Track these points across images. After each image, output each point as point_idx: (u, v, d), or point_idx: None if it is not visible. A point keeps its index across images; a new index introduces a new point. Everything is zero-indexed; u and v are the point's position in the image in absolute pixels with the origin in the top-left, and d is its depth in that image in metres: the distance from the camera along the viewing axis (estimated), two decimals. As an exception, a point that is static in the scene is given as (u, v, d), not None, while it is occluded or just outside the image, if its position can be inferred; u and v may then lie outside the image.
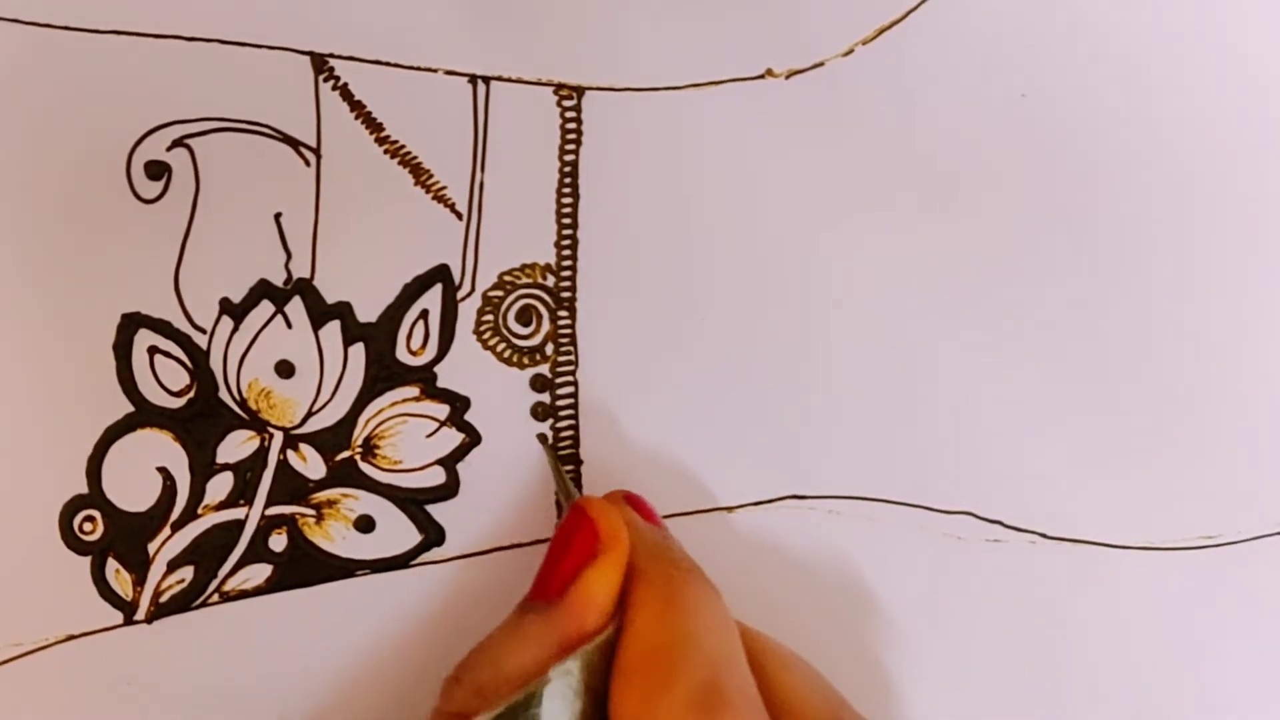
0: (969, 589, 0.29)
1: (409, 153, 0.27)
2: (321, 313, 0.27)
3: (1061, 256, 0.29)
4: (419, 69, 0.27)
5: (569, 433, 0.28)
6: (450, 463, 0.27)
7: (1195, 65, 0.29)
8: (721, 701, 0.21)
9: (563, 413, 0.28)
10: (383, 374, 0.27)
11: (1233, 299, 0.29)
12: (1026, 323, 0.29)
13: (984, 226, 0.29)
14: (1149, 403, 0.29)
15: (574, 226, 0.28)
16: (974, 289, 0.29)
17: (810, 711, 0.23)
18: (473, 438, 0.27)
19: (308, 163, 0.27)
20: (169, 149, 0.26)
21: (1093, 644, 0.29)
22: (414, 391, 0.27)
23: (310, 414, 0.27)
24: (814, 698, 0.24)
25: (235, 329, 0.27)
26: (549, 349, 0.28)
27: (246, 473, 0.27)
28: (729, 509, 0.28)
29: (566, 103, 0.27)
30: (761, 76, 0.28)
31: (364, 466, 0.27)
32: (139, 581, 0.27)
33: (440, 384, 0.27)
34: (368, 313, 0.27)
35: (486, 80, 0.27)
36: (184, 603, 0.27)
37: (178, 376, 0.27)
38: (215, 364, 0.27)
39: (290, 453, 0.27)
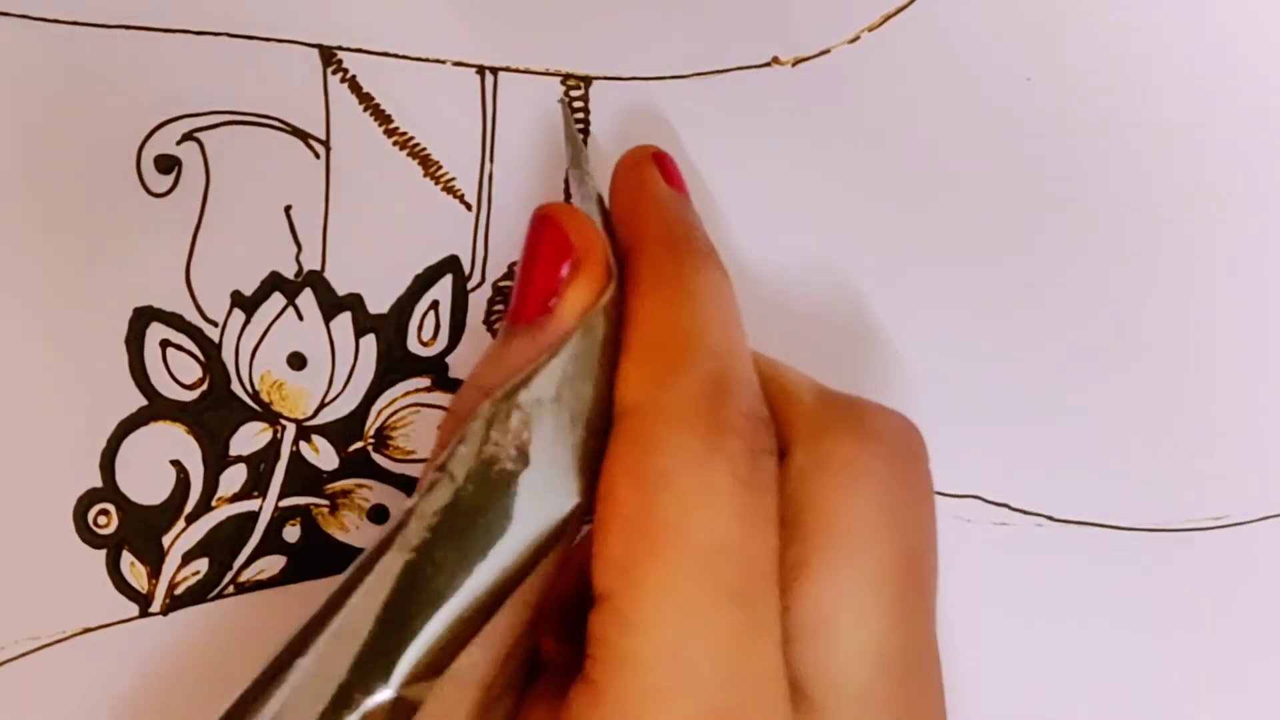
0: (976, 571, 0.29)
1: (418, 144, 0.27)
2: (332, 304, 0.27)
3: (1069, 240, 0.29)
4: (427, 60, 0.27)
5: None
6: (462, 452, 0.27)
7: (1205, 52, 0.29)
8: (728, 393, 0.21)
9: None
10: (394, 365, 0.27)
11: (1240, 278, 0.29)
12: (1033, 305, 0.29)
13: (991, 210, 0.29)
14: (1156, 383, 0.29)
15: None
16: (982, 272, 0.29)
17: (802, 390, 0.23)
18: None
19: (317, 155, 0.27)
20: (179, 143, 0.26)
21: (1100, 625, 0.30)
22: (425, 382, 0.28)
23: (322, 405, 0.27)
24: (805, 380, 0.23)
25: (247, 322, 0.27)
26: (559, 338, 0.28)
27: (260, 465, 0.27)
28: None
29: (574, 92, 0.27)
30: (768, 64, 0.28)
31: (377, 457, 0.27)
32: (154, 574, 0.27)
33: (452, 375, 0.28)
34: (379, 304, 0.27)
35: (494, 71, 0.27)
36: (199, 594, 0.27)
37: (190, 369, 0.27)
38: (227, 356, 0.27)
39: (303, 444, 0.27)
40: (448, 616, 0.20)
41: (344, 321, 0.27)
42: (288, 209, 0.27)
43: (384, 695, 0.19)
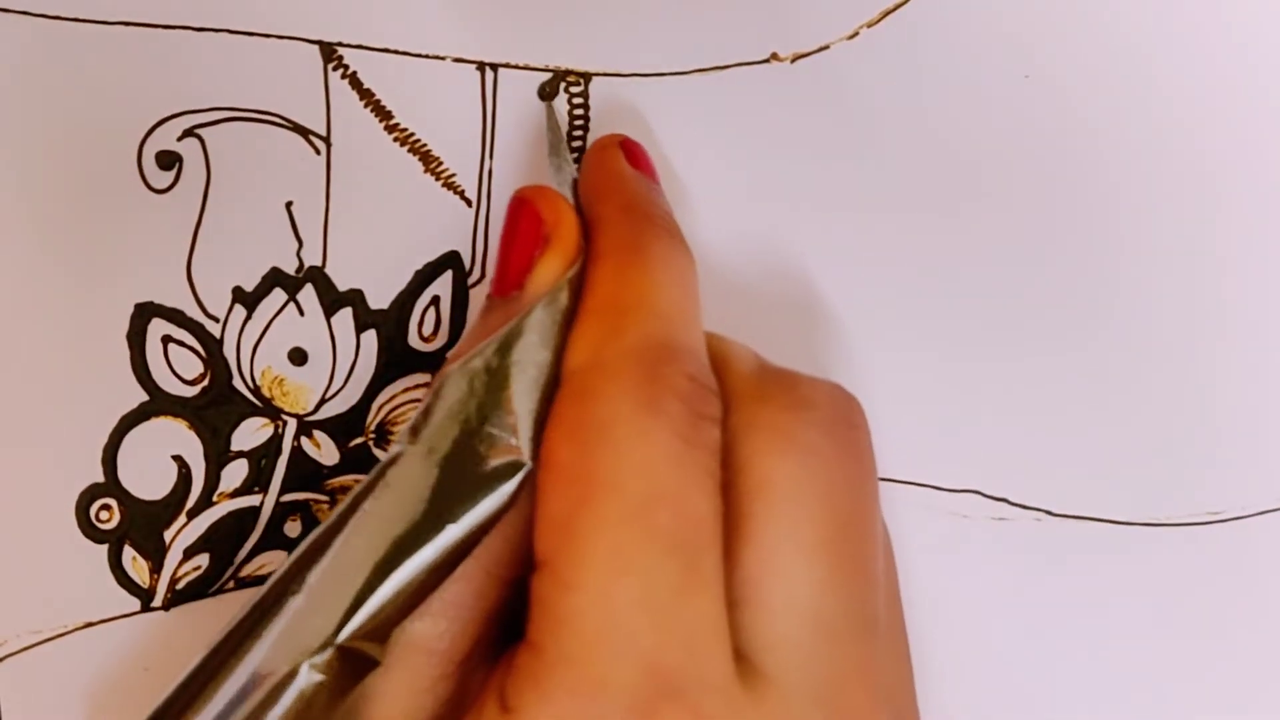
0: (975, 566, 0.30)
1: (418, 140, 0.27)
2: (333, 300, 0.27)
3: (1067, 236, 0.29)
4: (427, 57, 0.27)
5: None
6: (463, 448, 0.28)
7: (1205, 50, 0.29)
8: (672, 355, 0.21)
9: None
10: (395, 360, 0.27)
11: (1238, 274, 0.29)
12: (1032, 301, 0.29)
13: (990, 209, 0.29)
14: (1154, 379, 0.29)
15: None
16: (980, 268, 0.29)
17: (742, 360, 0.23)
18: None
19: (318, 151, 0.27)
20: (180, 139, 0.26)
21: (1099, 619, 0.30)
22: (426, 377, 0.28)
23: (323, 401, 0.27)
24: (746, 352, 0.24)
25: (248, 317, 0.27)
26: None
27: (261, 460, 0.27)
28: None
29: (574, 89, 0.28)
30: (767, 60, 0.28)
31: (378, 453, 0.28)
32: (155, 569, 0.27)
33: (452, 370, 0.28)
34: (379, 300, 0.27)
35: (494, 67, 0.27)
36: (200, 589, 0.27)
37: (191, 365, 0.27)
38: (229, 352, 0.27)
39: (304, 440, 0.27)
40: (403, 576, 0.20)
41: (345, 317, 0.27)
42: (289, 205, 0.27)
43: (328, 653, 0.20)
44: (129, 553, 0.27)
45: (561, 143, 0.27)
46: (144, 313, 0.27)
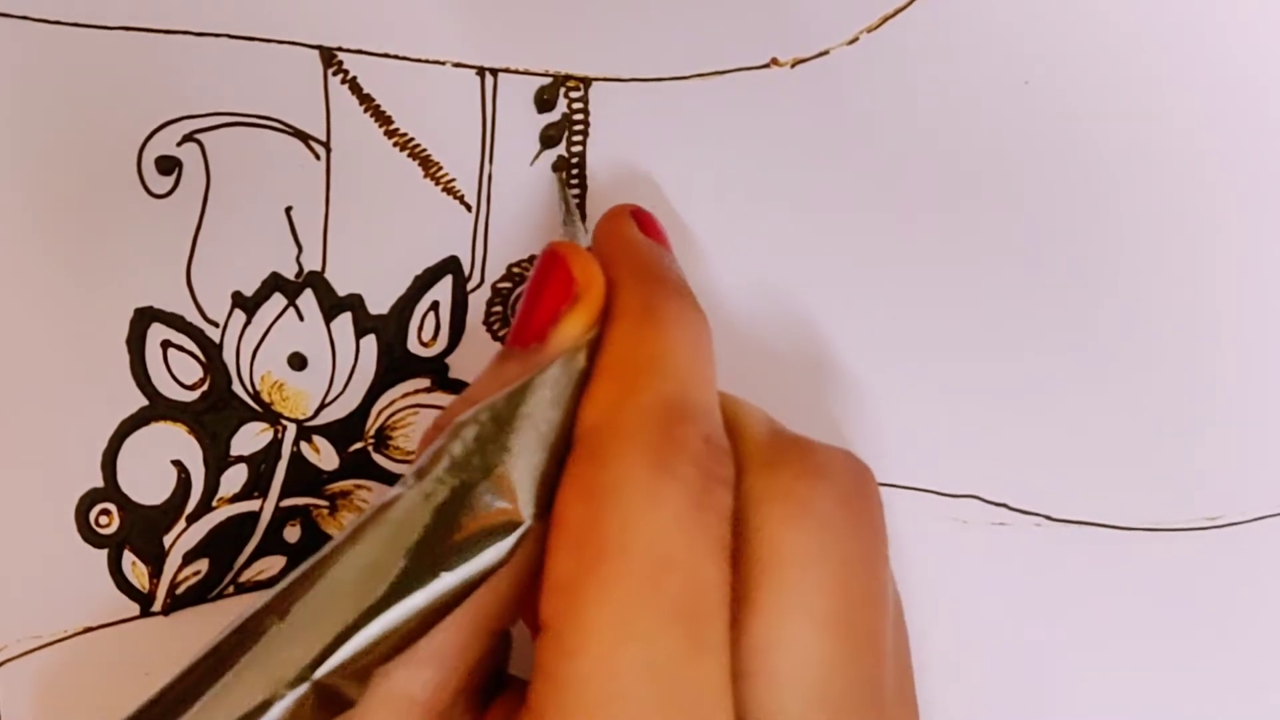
0: (974, 571, 0.30)
1: (418, 145, 0.27)
2: (333, 305, 0.27)
3: (1067, 241, 0.29)
4: (427, 62, 0.27)
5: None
6: (462, 453, 0.28)
7: (1204, 56, 0.29)
8: (685, 415, 0.21)
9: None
10: (394, 365, 0.27)
11: (1238, 279, 0.29)
12: (1032, 306, 0.29)
13: (989, 211, 0.29)
14: (1154, 384, 0.29)
15: (582, 217, 0.28)
16: (980, 273, 0.29)
17: (755, 425, 0.23)
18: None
19: (318, 156, 0.27)
20: (179, 144, 0.26)
21: (1098, 625, 0.30)
22: (425, 383, 0.28)
23: (323, 406, 0.27)
24: (760, 416, 0.23)
25: (248, 322, 0.27)
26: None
27: (260, 465, 0.27)
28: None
29: (573, 94, 0.28)
30: (766, 66, 0.28)
31: (377, 458, 0.28)
32: (155, 574, 0.27)
33: (451, 375, 0.28)
34: (379, 305, 0.27)
35: (494, 72, 0.27)
36: (200, 594, 0.27)
37: (191, 370, 0.27)
38: (228, 357, 0.27)
39: (304, 445, 0.27)
40: (390, 619, 0.20)
41: (344, 322, 0.27)
42: (288, 210, 0.27)
43: (304, 688, 0.20)
44: (128, 558, 0.27)
45: (573, 212, 0.27)
46: (143, 318, 0.27)
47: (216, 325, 0.27)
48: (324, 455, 0.27)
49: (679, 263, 0.26)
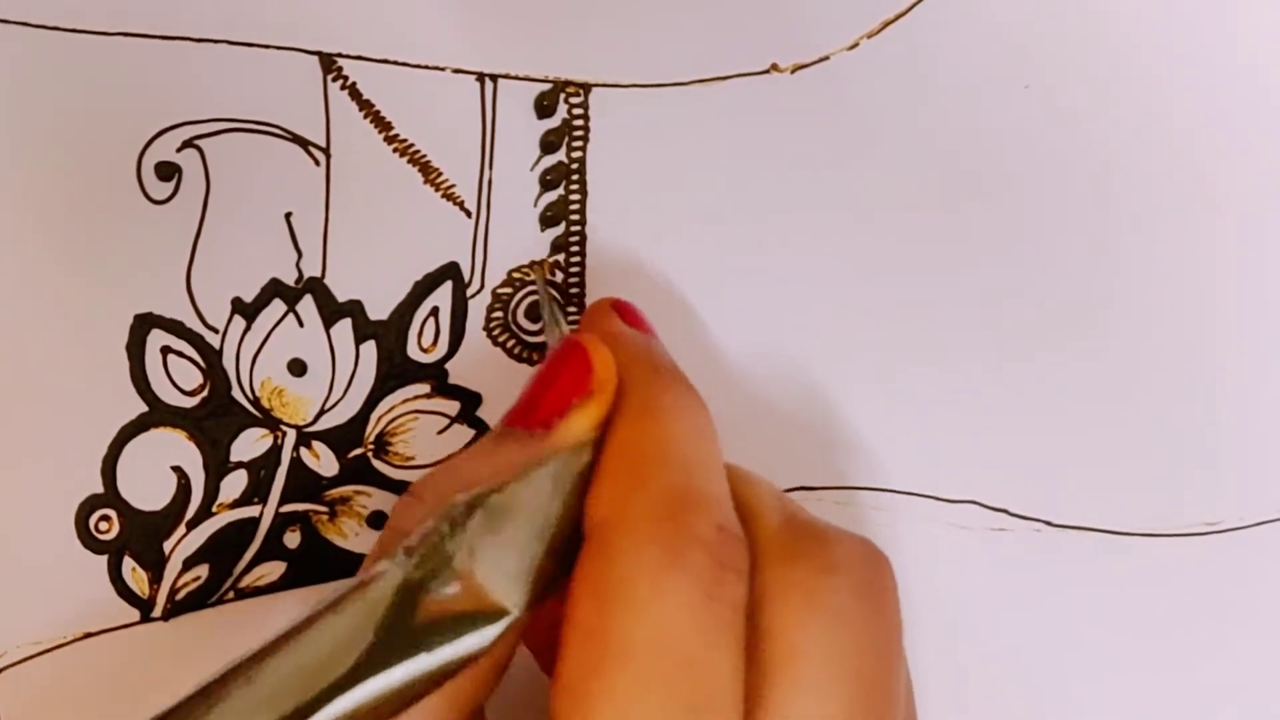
0: (974, 577, 0.30)
1: (418, 151, 0.27)
2: (333, 311, 0.27)
3: (1067, 247, 0.29)
4: (427, 67, 0.27)
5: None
6: (462, 458, 0.28)
7: (1205, 60, 0.29)
8: (694, 504, 0.21)
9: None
10: (394, 371, 0.27)
11: (1238, 285, 0.29)
12: (1032, 311, 0.29)
13: (990, 217, 0.29)
14: (1153, 389, 0.29)
15: (582, 223, 0.28)
16: (980, 279, 0.29)
17: (768, 513, 0.23)
18: (484, 434, 0.28)
19: (317, 162, 0.27)
20: (179, 150, 0.26)
21: (1098, 630, 0.30)
22: (425, 388, 0.28)
23: (322, 412, 0.27)
24: (773, 502, 0.23)
25: (247, 328, 0.27)
26: (559, 345, 0.28)
27: (260, 471, 0.27)
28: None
29: (573, 100, 0.28)
30: (766, 71, 0.28)
31: (376, 464, 0.28)
32: (155, 579, 0.27)
33: (451, 381, 0.28)
34: (379, 310, 0.27)
35: (494, 78, 0.27)
36: (200, 600, 0.27)
37: (191, 376, 0.27)
38: (228, 363, 0.27)
39: (303, 450, 0.27)
40: (359, 696, 0.20)
41: (344, 328, 0.27)
42: (288, 216, 0.27)
43: None
44: (128, 563, 0.27)
45: (556, 312, 0.27)
46: (143, 323, 0.27)
47: (216, 331, 0.27)
48: (324, 461, 0.27)
49: (667, 349, 0.26)
